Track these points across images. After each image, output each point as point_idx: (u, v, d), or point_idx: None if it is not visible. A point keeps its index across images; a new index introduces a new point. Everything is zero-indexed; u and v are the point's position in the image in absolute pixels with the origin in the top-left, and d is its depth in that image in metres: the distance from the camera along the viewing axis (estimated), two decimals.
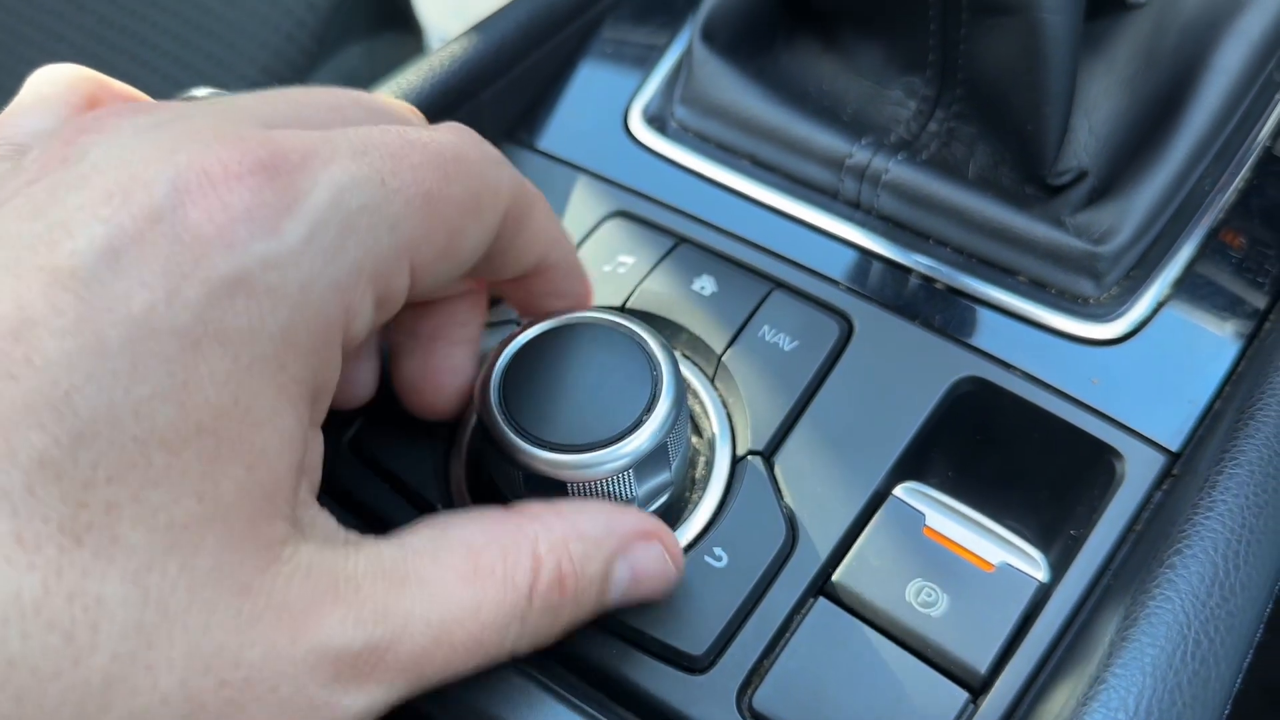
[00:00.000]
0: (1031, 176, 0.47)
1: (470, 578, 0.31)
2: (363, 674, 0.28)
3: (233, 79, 0.84)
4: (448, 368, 0.39)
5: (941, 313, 0.44)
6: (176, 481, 0.25)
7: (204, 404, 0.26)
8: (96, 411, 0.24)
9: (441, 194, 0.31)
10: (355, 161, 0.29)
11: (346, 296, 0.29)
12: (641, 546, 0.35)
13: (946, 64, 0.47)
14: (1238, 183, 0.45)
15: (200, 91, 0.38)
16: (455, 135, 0.33)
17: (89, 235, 0.25)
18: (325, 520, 0.31)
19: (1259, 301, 0.43)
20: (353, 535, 0.31)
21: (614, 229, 0.48)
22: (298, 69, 0.85)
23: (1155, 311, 0.43)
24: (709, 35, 0.51)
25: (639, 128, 0.52)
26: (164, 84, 0.86)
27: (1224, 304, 0.43)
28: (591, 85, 0.55)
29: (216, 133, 0.28)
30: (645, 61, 0.55)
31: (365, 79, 0.67)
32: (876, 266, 0.46)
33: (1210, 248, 0.44)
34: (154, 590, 0.25)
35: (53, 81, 0.33)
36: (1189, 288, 0.43)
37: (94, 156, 0.28)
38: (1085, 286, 0.43)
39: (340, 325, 0.29)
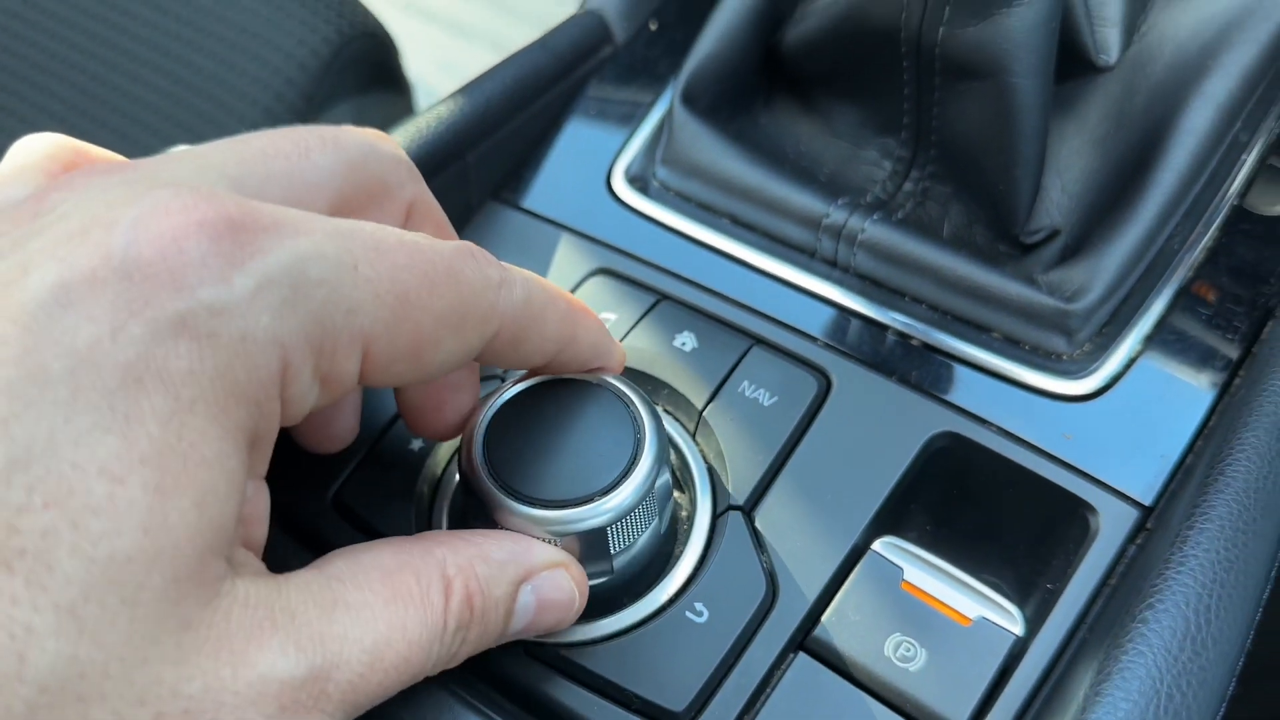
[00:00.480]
0: (1004, 235, 0.48)
1: (391, 599, 0.31)
2: (306, 706, 0.28)
3: (223, 137, 0.85)
4: (449, 384, 0.39)
5: (918, 369, 0.45)
6: (122, 512, 0.25)
7: (146, 438, 0.26)
8: (34, 438, 0.25)
9: (419, 301, 0.31)
10: (330, 240, 0.29)
11: (285, 353, 0.29)
12: (546, 574, 0.35)
13: (920, 126, 0.48)
14: (1206, 240, 0.46)
15: (178, 150, 0.38)
16: (455, 250, 0.33)
17: (42, 273, 0.26)
18: (253, 560, 0.31)
19: (1230, 355, 0.43)
20: (276, 573, 0.31)
21: (597, 286, 0.49)
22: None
23: (1127, 367, 0.43)
24: (690, 98, 0.52)
25: (622, 187, 0.53)
26: (154, 140, 0.87)
27: (1195, 360, 0.43)
28: (576, 146, 0.56)
29: (189, 185, 0.29)
30: (628, 123, 0.56)
31: None
32: (854, 324, 0.46)
33: (1180, 304, 0.45)
34: (90, 622, 0.25)
35: (30, 151, 0.34)
36: (1160, 344, 0.44)
37: (63, 209, 0.28)
38: (1058, 343, 0.44)
39: (277, 379, 0.29)
